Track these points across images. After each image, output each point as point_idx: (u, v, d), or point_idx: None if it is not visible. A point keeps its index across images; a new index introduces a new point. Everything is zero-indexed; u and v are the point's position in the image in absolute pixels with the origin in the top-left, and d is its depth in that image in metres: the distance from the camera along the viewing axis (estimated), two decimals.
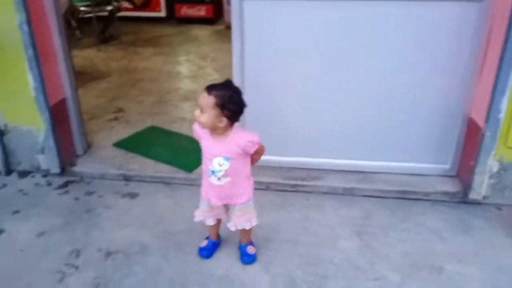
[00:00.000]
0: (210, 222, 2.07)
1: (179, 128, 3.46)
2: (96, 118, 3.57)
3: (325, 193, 2.65)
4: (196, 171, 2.77)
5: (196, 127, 1.92)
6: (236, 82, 2.56)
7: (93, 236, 2.27)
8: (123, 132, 3.33)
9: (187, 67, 5.18)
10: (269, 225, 2.36)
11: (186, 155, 2.97)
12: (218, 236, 2.19)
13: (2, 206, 2.50)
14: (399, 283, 1.99)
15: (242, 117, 1.84)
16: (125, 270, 2.05)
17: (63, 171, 2.80)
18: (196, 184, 2.70)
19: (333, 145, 2.74)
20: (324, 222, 2.40)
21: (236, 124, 1.86)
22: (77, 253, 2.15)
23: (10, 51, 2.48)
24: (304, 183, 2.66)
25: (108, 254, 2.14)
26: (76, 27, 6.09)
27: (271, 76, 2.58)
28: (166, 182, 2.75)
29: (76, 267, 2.06)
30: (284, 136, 2.73)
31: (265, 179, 2.68)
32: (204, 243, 2.17)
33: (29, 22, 2.39)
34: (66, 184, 2.73)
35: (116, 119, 3.56)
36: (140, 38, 6.56)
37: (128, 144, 3.13)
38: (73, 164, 2.86)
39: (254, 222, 2.03)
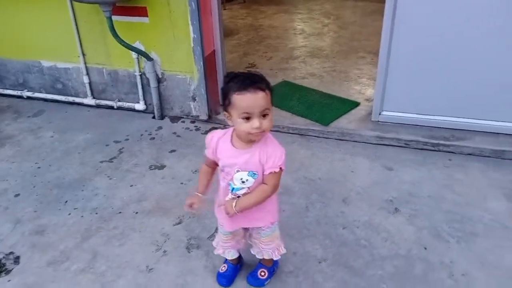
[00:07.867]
0: (232, 255, 1.75)
1: (310, 83, 3.55)
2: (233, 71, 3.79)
3: (469, 154, 2.56)
4: (333, 124, 2.86)
5: (211, 136, 1.51)
6: (384, 36, 2.54)
7: None
8: None
9: (311, 24, 5.18)
10: (409, 181, 2.37)
11: (321, 109, 3.05)
12: (239, 259, 1.84)
13: (161, 145, 2.84)
14: None
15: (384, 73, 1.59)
16: None
17: (209, 118, 3.07)
18: (332, 137, 2.80)
19: (483, 105, 2.61)
20: (469, 183, 2.34)
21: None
22: None
23: (174, 5, 2.72)
24: (447, 142, 2.59)
25: None
26: None
27: (421, 25, 2.49)
28: (302, 133, 2.88)
29: None
30: (428, 92, 2.66)
31: (404, 136, 2.67)
32: (223, 268, 1.82)
33: None
34: (211, 130, 2.99)
35: None
36: None
37: None
38: (217, 112, 3.11)
39: (282, 250, 1.71)
